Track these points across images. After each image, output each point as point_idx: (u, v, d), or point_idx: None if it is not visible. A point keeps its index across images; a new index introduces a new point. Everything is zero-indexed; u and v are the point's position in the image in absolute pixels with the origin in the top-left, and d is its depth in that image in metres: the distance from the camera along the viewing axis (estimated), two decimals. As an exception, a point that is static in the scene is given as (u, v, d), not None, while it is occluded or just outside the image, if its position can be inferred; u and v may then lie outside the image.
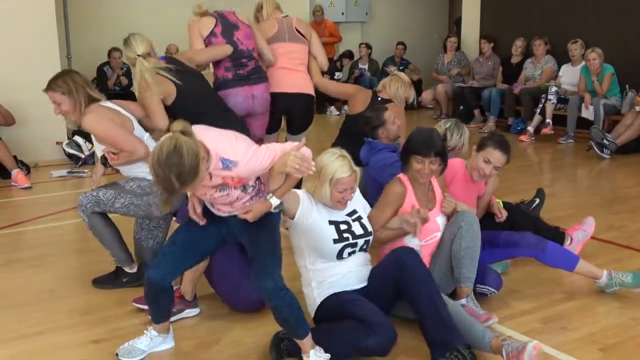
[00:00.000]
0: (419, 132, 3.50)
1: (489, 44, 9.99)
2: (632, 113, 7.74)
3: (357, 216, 3.31)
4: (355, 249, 3.23)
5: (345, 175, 3.08)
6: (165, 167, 2.49)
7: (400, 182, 3.46)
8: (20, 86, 7.00)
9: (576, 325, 3.38)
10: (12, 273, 4.24)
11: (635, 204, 5.67)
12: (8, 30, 6.94)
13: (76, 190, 6.41)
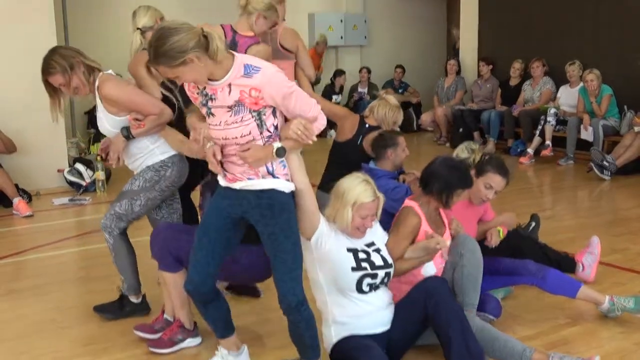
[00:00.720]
0: (454, 169, 3.43)
1: (487, 67, 10.05)
2: (631, 134, 7.75)
3: (376, 248, 3.22)
4: (375, 281, 3.11)
5: (368, 200, 3.04)
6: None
7: (415, 213, 3.38)
8: (22, 114, 7.04)
9: (580, 350, 3.35)
10: (13, 303, 4.21)
11: (636, 226, 5.65)
12: (9, 59, 6.99)
13: (78, 218, 6.44)
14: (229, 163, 2.84)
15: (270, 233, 2.81)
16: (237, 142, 2.74)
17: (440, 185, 3.34)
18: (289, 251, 2.81)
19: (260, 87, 2.67)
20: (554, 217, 6.10)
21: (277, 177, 2.82)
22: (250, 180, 2.81)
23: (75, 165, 7.42)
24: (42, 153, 7.24)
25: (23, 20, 7.03)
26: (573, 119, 8.39)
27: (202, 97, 2.78)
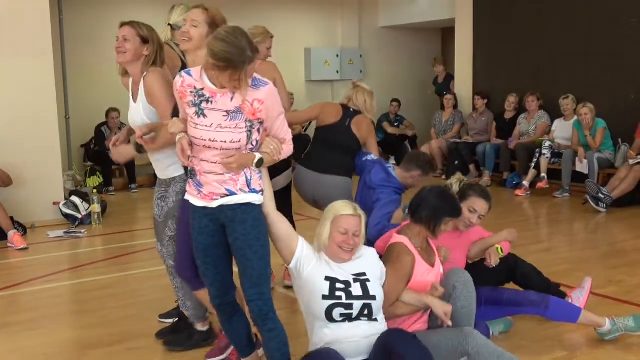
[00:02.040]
0: (443, 198, 3.46)
1: (482, 100, 10.12)
2: (625, 166, 7.78)
3: (364, 279, 3.13)
4: (350, 311, 3.03)
5: (346, 212, 3.05)
6: (234, 35, 2.69)
7: (408, 252, 3.34)
8: (18, 147, 7.05)
9: (578, 383, 3.35)
10: (5, 337, 4.15)
11: (632, 258, 5.65)
12: (7, 92, 7.02)
13: (73, 251, 6.40)
14: (205, 175, 2.89)
15: (239, 247, 2.90)
16: (222, 146, 2.81)
17: (429, 213, 3.34)
18: (255, 267, 2.88)
19: (264, 99, 2.81)
20: (551, 249, 6.09)
21: (253, 189, 2.91)
22: (228, 196, 2.88)
23: (71, 198, 7.41)
24: (38, 185, 7.23)
25: (22, 57, 7.06)
26: (568, 151, 8.43)
27: (196, 97, 2.83)
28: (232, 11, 9.57)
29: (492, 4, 10.16)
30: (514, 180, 9.09)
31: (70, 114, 9.27)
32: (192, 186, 2.97)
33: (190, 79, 2.86)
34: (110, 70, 9.26)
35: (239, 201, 2.88)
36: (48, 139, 7.30)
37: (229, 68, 2.68)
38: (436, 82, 11.82)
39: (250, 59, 2.70)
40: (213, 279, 3.03)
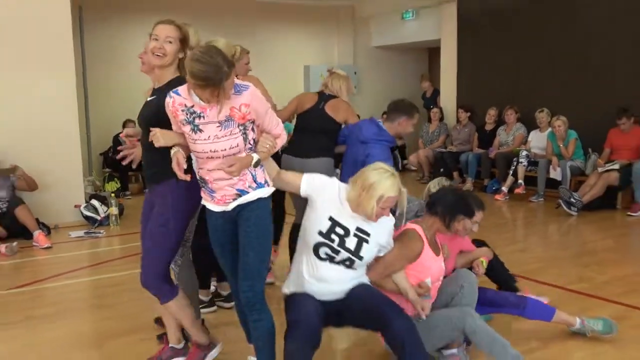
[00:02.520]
0: (461, 197, 3.48)
1: (465, 113, 10.13)
2: (595, 174, 7.79)
3: (364, 238, 3.08)
4: (335, 256, 3.05)
5: (394, 194, 3.01)
6: (209, 54, 2.62)
7: (419, 238, 3.32)
8: (43, 155, 7.07)
9: (551, 371, 3.35)
10: (30, 329, 4.16)
11: (601, 257, 5.65)
12: (32, 105, 7.03)
13: (93, 250, 6.40)
14: (216, 182, 2.87)
15: (241, 243, 2.90)
16: (224, 154, 2.79)
17: (446, 209, 3.34)
18: (250, 263, 2.87)
19: (249, 102, 2.77)
20: (526, 249, 6.10)
21: (260, 182, 2.91)
22: (240, 197, 2.87)
23: (91, 201, 7.42)
24: (61, 190, 7.24)
25: (46, 72, 7.08)
26: (543, 160, 8.45)
27: (188, 115, 2.80)
28: (238, 32, 9.61)
29: (474, 27, 10.18)
30: (494, 186, 9.11)
31: (90, 125, 9.27)
32: (206, 193, 2.95)
33: (180, 98, 2.82)
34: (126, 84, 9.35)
35: (250, 199, 2.88)
36: (70, 148, 7.31)
37: (209, 86, 2.63)
38: (424, 97, 11.84)
39: (227, 74, 2.65)
40: (229, 270, 3.04)
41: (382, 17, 12.15)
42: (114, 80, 9.62)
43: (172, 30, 3.07)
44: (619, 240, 6.36)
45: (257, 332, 2.93)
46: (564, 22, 8.83)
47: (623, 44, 8.19)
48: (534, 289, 4.63)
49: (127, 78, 9.20)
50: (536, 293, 4.56)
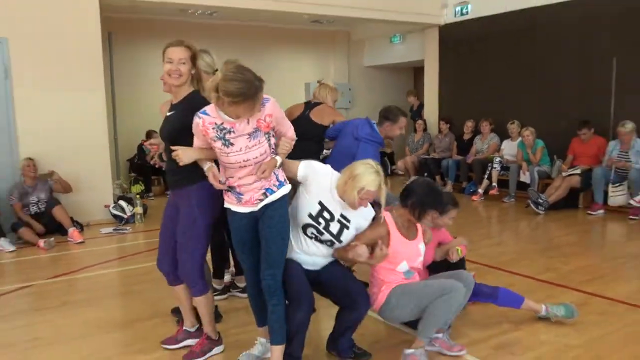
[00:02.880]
0: (432, 192, 3.26)
1: (446, 125, 10.14)
2: (559, 177, 7.81)
3: (346, 224, 3.08)
4: (320, 236, 3.07)
5: (373, 189, 3.00)
6: (240, 72, 2.61)
7: (384, 224, 3.21)
8: (77, 162, 7.09)
9: (521, 351, 3.34)
10: (66, 312, 4.18)
11: (566, 250, 5.66)
12: (67, 118, 7.04)
13: (120, 244, 6.40)
14: (243, 186, 2.85)
15: (264, 237, 2.89)
16: (256, 161, 2.78)
17: (416, 202, 3.19)
18: (272, 254, 2.87)
19: (271, 112, 2.78)
20: (500, 243, 6.11)
21: (281, 182, 2.92)
22: (267, 197, 2.86)
23: (118, 202, 7.42)
24: (92, 192, 7.25)
25: (80, 91, 7.10)
26: (514, 165, 8.46)
27: (218, 131, 2.75)
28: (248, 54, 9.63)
29: (453, 50, 10.20)
30: (471, 188, 9.12)
31: (118, 135, 9.27)
32: (232, 197, 2.91)
33: (209, 118, 2.75)
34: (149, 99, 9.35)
35: (276, 198, 2.87)
36: (100, 155, 7.32)
37: (246, 101, 2.61)
38: (411, 110, 11.84)
39: (259, 87, 2.64)
40: (249, 265, 3.00)
41: (373, 40, 12.17)
42: (139, 96, 9.62)
43: (184, 52, 3.02)
44: (581, 236, 6.37)
45: (274, 315, 2.90)
46: (532, 46, 8.85)
47: (583, 66, 8.21)
48: (507, 279, 4.66)
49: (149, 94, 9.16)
50: (509, 282, 4.58)
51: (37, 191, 6.63)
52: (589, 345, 3.39)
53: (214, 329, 3.35)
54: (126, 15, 9.50)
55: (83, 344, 3.58)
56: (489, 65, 9.56)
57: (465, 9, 9.87)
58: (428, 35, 10.62)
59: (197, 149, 2.89)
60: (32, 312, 4.21)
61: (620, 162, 7.26)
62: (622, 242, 6.12)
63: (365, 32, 12.15)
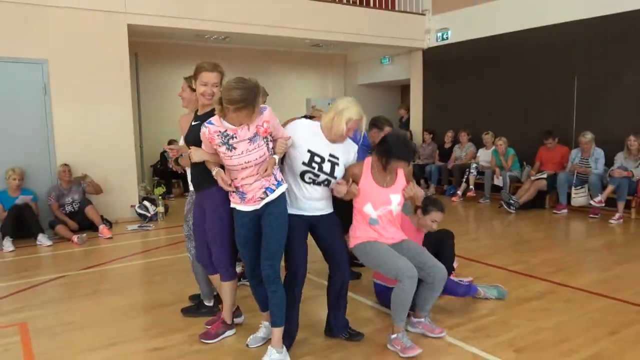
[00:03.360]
0: (401, 142, 3.10)
1: (429, 135, 10.11)
2: (528, 181, 7.78)
3: (335, 162, 3.02)
4: (317, 178, 3.00)
5: (358, 117, 2.97)
6: (241, 81, 2.62)
7: (361, 166, 3.15)
8: (107, 167, 7.05)
9: (497, 333, 3.30)
10: (96, 300, 4.13)
11: (534, 245, 5.63)
12: (98, 128, 7.00)
13: (144, 240, 6.36)
14: (245, 186, 2.83)
15: (266, 232, 2.85)
16: (256, 162, 2.77)
17: (384, 150, 3.09)
18: (271, 247, 2.84)
19: (268, 119, 2.78)
20: (477, 239, 6.07)
21: (279, 181, 2.88)
22: (269, 195, 2.84)
23: (143, 202, 7.37)
24: (120, 193, 7.20)
25: (110, 104, 7.07)
26: (488, 171, 8.43)
27: (223, 138, 2.75)
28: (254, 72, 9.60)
29: (435, 70, 10.18)
30: (451, 190, 9.09)
31: (143, 143, 9.24)
32: (236, 197, 2.89)
33: (214, 127, 2.77)
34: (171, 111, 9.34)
35: (275, 196, 2.85)
36: (127, 161, 7.28)
37: (247, 106, 2.61)
38: (401, 121, 11.78)
39: (258, 93, 2.64)
40: (250, 259, 2.96)
41: (366, 62, 12.15)
42: (162, 109, 9.58)
43: (217, 77, 3.04)
44: (547, 232, 6.33)
45: (274, 300, 2.87)
46: (504, 67, 8.84)
47: (549, 83, 8.19)
48: (483, 270, 4.63)
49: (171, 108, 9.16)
50: (485, 273, 4.56)
51: (71, 193, 6.58)
52: (557, 328, 3.36)
53: (230, 315, 3.32)
54: (150, 40, 9.48)
55: (110, 327, 3.54)
56: (467, 83, 9.54)
57: (446, 35, 9.86)
58: (413, 57, 10.60)
59: (207, 152, 2.89)
60: (66, 300, 4.16)
61: (581, 168, 7.24)
62: (583, 238, 6.08)
63: (359, 54, 12.14)
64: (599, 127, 7.42)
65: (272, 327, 2.93)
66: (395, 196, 3.16)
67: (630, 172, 6.75)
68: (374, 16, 9.45)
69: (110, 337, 3.37)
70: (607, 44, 7.44)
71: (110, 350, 3.18)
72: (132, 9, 7.14)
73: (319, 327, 3.34)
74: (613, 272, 4.54)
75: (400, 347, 3.02)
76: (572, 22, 7.81)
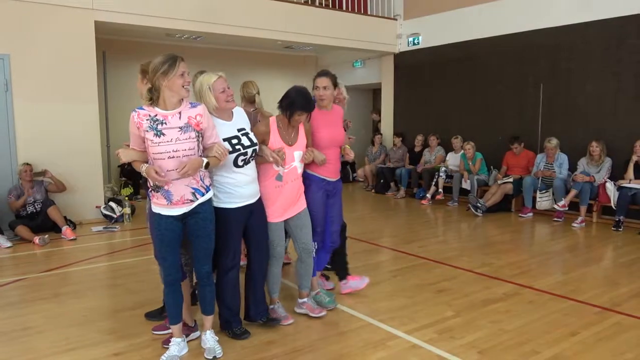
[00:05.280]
0: (300, 94, 3.22)
1: (399, 138, 10.20)
2: (495, 185, 7.91)
3: (245, 132, 3.07)
4: (246, 157, 3.03)
5: (216, 78, 2.95)
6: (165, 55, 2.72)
7: (267, 124, 3.25)
8: (72, 166, 6.86)
9: (461, 335, 3.34)
10: (58, 303, 4.01)
11: (500, 248, 5.71)
12: (65, 127, 6.82)
13: (109, 241, 6.21)
14: (174, 183, 2.76)
15: (198, 235, 2.87)
16: (184, 153, 2.72)
17: (287, 104, 3.21)
18: (206, 248, 2.91)
19: (201, 113, 2.78)
20: (445, 241, 6.13)
21: (207, 186, 2.89)
22: (199, 197, 2.83)
23: (109, 203, 7.21)
24: (85, 193, 7.02)
25: (76, 103, 6.89)
26: (457, 174, 8.54)
27: (151, 122, 2.71)
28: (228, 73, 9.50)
29: (406, 74, 10.28)
30: (421, 193, 9.17)
31: (110, 143, 9.04)
32: (161, 198, 2.78)
33: (144, 111, 2.75)
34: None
35: (205, 199, 2.86)
36: (93, 161, 7.10)
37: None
38: (375, 125, 11.85)
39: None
40: (171, 262, 2.87)
41: (338, 64, 12.17)
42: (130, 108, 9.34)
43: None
44: (513, 235, 6.44)
45: (210, 294, 3.03)
46: (473, 72, 8.98)
47: (516, 90, 8.36)
48: (450, 272, 4.68)
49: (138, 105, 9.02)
50: (453, 275, 4.60)
51: (33, 193, 6.38)
52: (519, 329, 3.41)
53: (189, 316, 3.26)
54: (119, 38, 9.29)
55: (71, 332, 3.43)
56: (437, 88, 9.65)
57: (417, 40, 9.97)
58: (385, 61, 10.68)
59: (137, 151, 2.83)
60: (25, 303, 4.02)
61: (546, 173, 7.41)
62: (547, 240, 6.21)
63: (331, 57, 12.17)
64: (563, 133, 7.62)
65: (205, 315, 3.06)
66: (298, 153, 3.31)
67: (592, 177, 6.94)
68: (346, 20, 9.49)
69: (70, 341, 3.27)
70: (572, 53, 7.65)
71: (70, 355, 3.08)
72: (99, 6, 6.98)
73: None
74: (574, 275, 4.65)
75: (309, 309, 3.48)
76: (539, 30, 8.00)
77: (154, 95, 2.76)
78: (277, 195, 3.28)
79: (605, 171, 6.95)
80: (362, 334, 3.33)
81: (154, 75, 2.71)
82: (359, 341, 3.22)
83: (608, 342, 3.22)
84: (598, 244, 5.94)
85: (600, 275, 4.65)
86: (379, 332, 3.36)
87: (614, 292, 4.14)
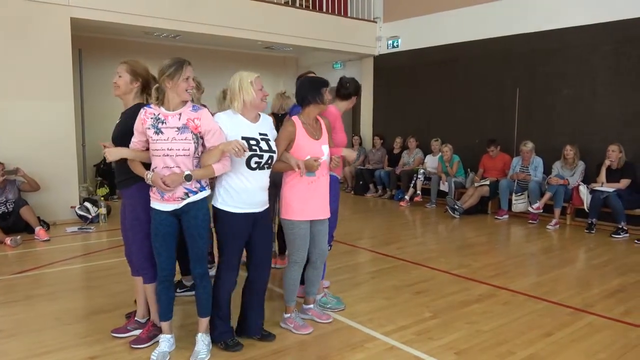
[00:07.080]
0: (312, 79, 3.33)
1: (379, 140, 10.25)
2: (472, 187, 8.01)
3: (266, 138, 3.02)
4: (261, 160, 2.96)
5: (255, 76, 2.99)
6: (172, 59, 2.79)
7: (292, 123, 3.22)
8: (46, 165, 6.72)
9: (439, 336, 3.36)
10: (30, 306, 3.91)
11: (477, 249, 5.77)
12: (40, 126, 6.68)
13: (84, 242, 6.09)
14: (164, 171, 2.81)
15: (192, 234, 2.87)
16: (178, 153, 2.77)
17: (312, 92, 3.25)
18: (200, 247, 2.90)
19: (200, 117, 2.81)
20: (423, 242, 6.17)
21: (203, 186, 2.88)
22: (190, 196, 2.84)
23: (84, 203, 7.07)
24: (59, 193, 6.88)
25: (51, 100, 6.75)
26: (435, 176, 8.62)
27: (154, 120, 2.80)
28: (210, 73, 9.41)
29: (385, 76, 10.35)
30: (399, 195, 9.22)
31: (86, 142, 8.87)
32: (156, 192, 2.86)
33: (151, 109, 2.84)
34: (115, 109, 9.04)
35: (198, 198, 2.86)
36: (68, 160, 6.96)
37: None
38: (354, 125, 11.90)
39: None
40: (166, 257, 2.89)
41: (318, 66, 12.16)
42: (106, 106, 9.11)
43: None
44: (489, 237, 6.52)
45: (205, 295, 2.96)
46: (451, 75, 9.09)
47: (493, 93, 8.48)
48: (428, 273, 4.71)
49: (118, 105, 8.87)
50: (430, 276, 4.63)
51: (5, 192, 6.22)
52: (495, 330, 3.45)
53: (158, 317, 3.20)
54: (96, 35, 9.13)
55: (43, 335, 3.35)
56: (416, 90, 9.73)
57: (396, 43, 10.05)
58: (364, 63, 10.73)
59: (125, 149, 2.91)
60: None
61: (522, 175, 7.53)
62: (523, 242, 6.31)
63: (311, 58, 12.17)
64: (538, 136, 7.75)
65: (201, 317, 3.00)
66: (325, 147, 3.31)
67: (566, 180, 7.08)
68: (326, 21, 9.51)
69: (43, 345, 3.19)
70: (548, 58, 7.80)
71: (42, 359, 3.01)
72: (76, 2, 6.85)
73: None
74: (549, 276, 4.72)
75: (294, 325, 3.35)
76: (516, 35, 8.13)
77: (160, 95, 2.85)
78: (313, 191, 3.23)
79: (578, 174, 7.09)
80: (340, 335, 3.33)
81: (160, 77, 2.81)
82: (338, 343, 3.22)
83: (582, 342, 3.28)
84: (571, 246, 6.06)
85: (574, 277, 4.74)
86: (358, 333, 3.36)
87: (587, 293, 4.22)
